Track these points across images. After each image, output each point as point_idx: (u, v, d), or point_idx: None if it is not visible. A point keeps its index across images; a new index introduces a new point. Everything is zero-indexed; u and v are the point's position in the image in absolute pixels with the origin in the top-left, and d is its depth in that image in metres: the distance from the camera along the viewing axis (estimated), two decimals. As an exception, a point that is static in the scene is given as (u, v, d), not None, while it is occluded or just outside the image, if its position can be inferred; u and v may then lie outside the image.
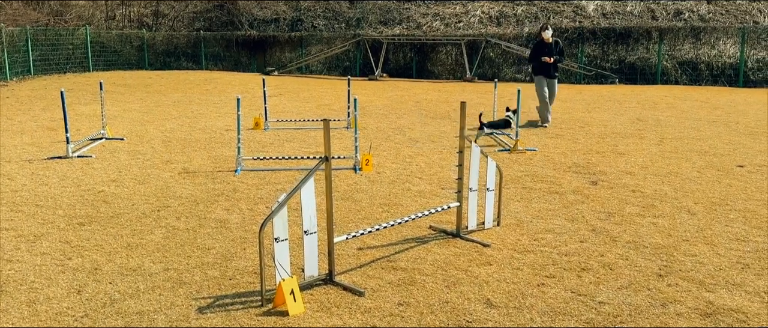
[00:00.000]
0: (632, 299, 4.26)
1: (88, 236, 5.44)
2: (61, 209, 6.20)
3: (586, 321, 3.93)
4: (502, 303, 4.18)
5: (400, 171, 7.93)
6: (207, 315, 3.99)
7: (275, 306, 4.09)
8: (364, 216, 6.07)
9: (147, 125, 11.25)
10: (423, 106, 14.22)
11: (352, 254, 5.07)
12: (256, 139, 10.08)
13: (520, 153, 9.06)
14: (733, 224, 5.88)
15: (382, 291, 4.37)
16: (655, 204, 6.49)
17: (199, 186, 7.11)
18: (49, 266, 4.77)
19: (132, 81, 19.18)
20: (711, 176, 7.72)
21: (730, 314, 4.04)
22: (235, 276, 4.62)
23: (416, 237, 5.48)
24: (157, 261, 4.89)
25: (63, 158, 8.42)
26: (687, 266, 4.83)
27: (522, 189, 7.09)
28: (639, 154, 9.00)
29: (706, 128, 11.29)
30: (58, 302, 4.16)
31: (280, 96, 16.05)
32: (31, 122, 11.58)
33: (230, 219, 5.95)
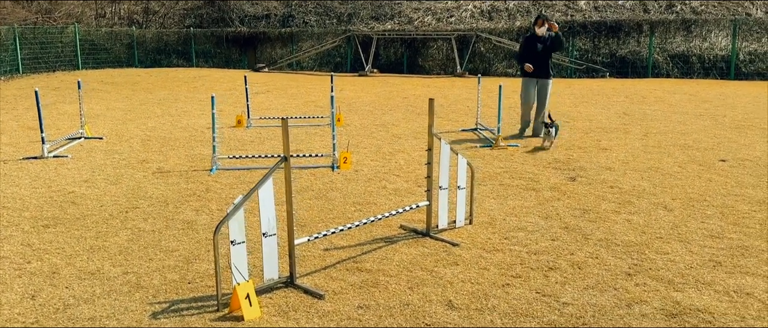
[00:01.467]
0: (597, 299, 4.17)
1: (51, 239, 5.34)
2: (28, 211, 6.10)
3: (547, 322, 3.84)
4: (463, 305, 4.09)
5: (378, 169, 7.83)
6: (160, 320, 3.89)
7: (231, 311, 4.00)
8: (336, 215, 5.98)
9: (128, 124, 11.14)
10: (410, 102, 14.11)
11: (317, 255, 4.98)
12: (237, 137, 9.98)
13: (502, 149, 8.96)
14: (709, 220, 5.79)
15: (344, 294, 4.28)
16: (631, 200, 6.40)
17: (172, 186, 7.01)
18: (7, 270, 4.67)
19: (120, 79, 19.05)
20: (692, 170, 7.63)
21: (696, 315, 3.95)
22: (195, 280, 4.52)
23: (385, 237, 5.39)
24: (118, 264, 4.79)
25: (38, 158, 8.31)
26: (657, 265, 4.74)
27: (499, 186, 6.99)
28: (621, 149, 8.91)
29: (692, 122, 11.19)
30: (10, 308, 4.06)
31: (267, 93, 15.93)
32: (12, 122, 11.47)
33: (198, 220, 5.85)
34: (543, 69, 9.68)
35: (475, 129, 10.56)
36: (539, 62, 9.60)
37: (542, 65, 9.64)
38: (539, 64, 9.60)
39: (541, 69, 9.65)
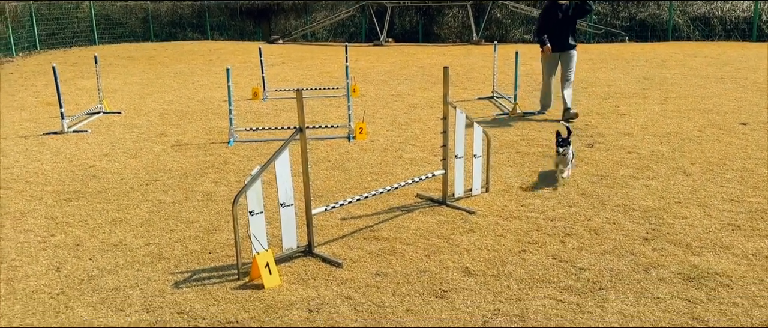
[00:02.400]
0: (614, 264, 4.17)
1: (74, 212, 5.44)
2: (51, 185, 6.21)
3: (564, 287, 3.86)
4: (480, 271, 4.12)
5: (394, 139, 7.83)
6: (182, 290, 3.98)
7: (251, 279, 4.07)
8: (353, 185, 6.01)
9: (146, 98, 11.22)
10: (426, 72, 14.02)
11: (335, 225, 5.03)
12: (253, 109, 10.01)
13: (519, 117, 8.90)
14: (728, 184, 5.73)
15: (361, 262, 4.33)
16: (650, 165, 6.35)
17: (190, 159, 7.08)
18: (32, 243, 4.78)
19: (136, 53, 19.12)
20: (712, 134, 7.53)
21: (714, 278, 3.94)
22: (216, 250, 4.60)
23: (402, 206, 5.42)
24: (140, 236, 4.89)
25: (58, 134, 8.43)
26: (675, 229, 4.72)
27: (515, 154, 6.97)
28: (640, 114, 8.80)
29: (712, 86, 11.00)
30: (36, 280, 4.17)
31: (282, 65, 15.91)
32: (31, 98, 11.60)
33: (217, 192, 5.92)
34: (564, 40, 8.64)
35: (491, 97, 10.48)
36: (560, 33, 8.62)
37: (563, 36, 8.63)
38: (560, 34, 8.61)
39: (562, 41, 8.63)
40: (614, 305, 3.64)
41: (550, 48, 8.58)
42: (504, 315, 3.56)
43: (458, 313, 3.60)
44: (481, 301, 3.73)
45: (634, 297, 3.73)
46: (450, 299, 3.76)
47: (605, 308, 3.61)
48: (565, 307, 3.63)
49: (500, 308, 3.63)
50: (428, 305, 3.70)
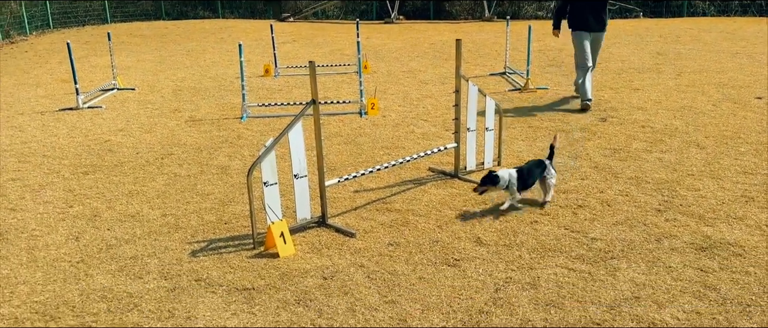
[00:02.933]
0: (627, 234, 4.19)
1: (91, 185, 5.53)
2: (68, 159, 6.30)
3: (576, 257, 3.89)
4: (492, 241, 4.15)
5: (406, 114, 7.84)
6: (199, 258, 4.04)
7: (266, 249, 4.13)
8: (365, 159, 6.04)
9: (158, 75, 11.28)
10: (437, 48, 13.96)
11: (348, 197, 5.07)
12: (265, 86, 10.04)
13: (531, 92, 8.86)
14: (742, 157, 5.71)
15: (374, 232, 4.38)
16: (663, 139, 6.33)
17: (204, 134, 7.14)
18: (51, 214, 4.87)
19: (148, 31, 19.16)
20: (726, 108, 7.48)
21: (726, 248, 3.95)
22: (231, 220, 4.66)
23: (414, 179, 5.45)
24: (156, 207, 4.96)
25: (74, 110, 8.51)
26: (688, 201, 4.73)
27: (528, 128, 6.96)
28: (654, 89, 8.74)
29: (727, 60, 10.88)
30: (56, 249, 4.26)
31: (293, 42, 15.90)
32: (46, 75, 11.70)
33: (232, 165, 5.97)
34: (598, 18, 7.65)
35: (503, 73, 10.44)
36: (593, 8, 7.61)
37: (596, 12, 7.63)
38: (593, 11, 7.61)
39: (596, 19, 7.65)
40: (626, 273, 3.67)
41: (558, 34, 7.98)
42: (516, 283, 3.60)
43: (470, 281, 3.64)
44: (493, 269, 3.77)
45: (645, 266, 3.75)
46: (462, 267, 3.81)
47: (617, 276, 3.64)
48: (577, 275, 3.66)
49: (512, 276, 3.67)
50: (441, 273, 3.75)
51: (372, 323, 3.24)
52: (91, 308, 3.47)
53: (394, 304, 3.42)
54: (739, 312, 3.23)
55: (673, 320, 3.18)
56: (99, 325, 3.31)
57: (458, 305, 3.39)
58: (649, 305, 3.31)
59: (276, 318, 3.31)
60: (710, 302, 3.33)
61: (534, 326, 3.17)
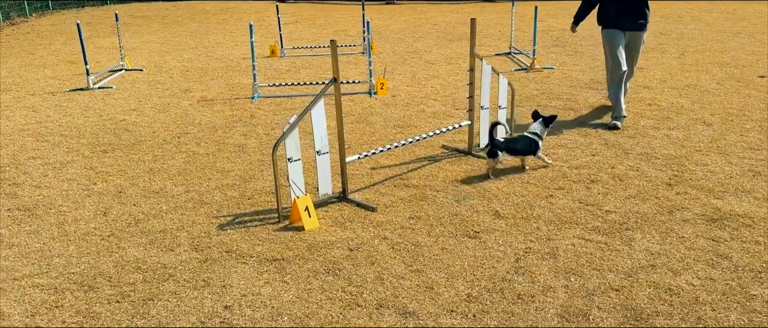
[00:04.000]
0: (639, 207, 4.33)
1: (112, 163, 5.64)
2: (85, 138, 6.40)
3: (591, 229, 4.03)
4: (510, 214, 4.29)
5: (415, 94, 7.95)
6: (227, 231, 4.17)
7: (291, 222, 4.26)
8: (378, 138, 6.16)
9: (165, 56, 11.33)
10: (441, 29, 14.01)
11: (365, 174, 5.20)
12: (273, 66, 10.11)
13: (538, 72, 8.97)
14: (748, 133, 5.85)
15: (394, 206, 4.51)
16: (670, 116, 6.46)
17: (218, 113, 7.24)
18: (76, 191, 4.99)
19: (149, 12, 19.12)
20: (730, 87, 7.60)
21: (736, 219, 4.10)
22: (254, 196, 4.79)
23: (429, 156, 5.57)
24: (179, 184, 5.08)
25: (84, 90, 8.58)
26: (697, 175, 4.87)
27: (537, 106, 7.07)
28: (658, 68, 8.85)
29: (729, 40, 10.99)
30: (86, 223, 4.38)
31: (296, 23, 15.91)
32: (52, 56, 11.73)
33: (248, 144, 6.09)
34: (637, 13, 6.10)
35: (508, 53, 10.53)
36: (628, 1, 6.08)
37: (634, 5, 6.08)
38: (629, 4, 6.08)
39: (634, 14, 6.11)
40: (641, 243, 3.81)
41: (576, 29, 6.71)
42: (535, 253, 3.74)
43: (491, 251, 3.78)
44: (513, 240, 3.91)
45: (659, 237, 3.90)
46: (483, 239, 3.95)
47: (632, 246, 3.78)
48: (594, 245, 3.80)
49: (531, 247, 3.81)
50: (462, 244, 3.89)
51: (400, 290, 3.38)
52: (128, 279, 3.61)
53: (419, 273, 3.56)
54: (751, 278, 3.39)
55: (688, 286, 3.33)
56: (137, 293, 3.44)
57: (481, 273, 3.53)
58: (665, 273, 3.46)
59: (307, 286, 3.45)
60: (723, 270, 3.49)
61: (555, 292, 3.31)
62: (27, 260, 3.87)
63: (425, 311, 3.19)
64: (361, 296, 3.35)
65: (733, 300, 3.19)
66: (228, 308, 3.27)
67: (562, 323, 3.05)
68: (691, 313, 3.09)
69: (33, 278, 3.65)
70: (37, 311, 3.32)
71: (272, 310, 3.25)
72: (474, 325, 3.06)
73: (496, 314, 3.14)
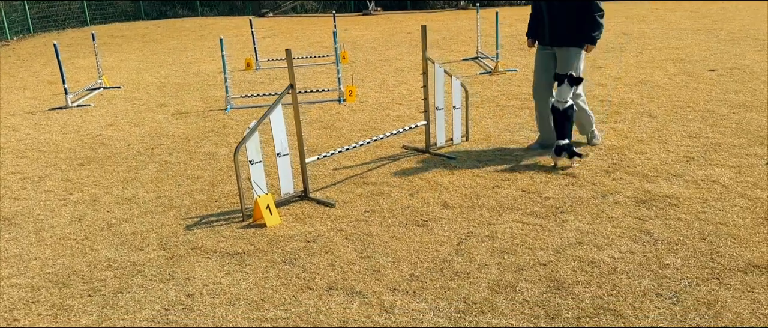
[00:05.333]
0: (576, 192, 4.68)
1: (88, 174, 5.92)
2: (63, 153, 6.68)
3: (530, 213, 4.37)
4: (457, 204, 4.62)
5: (382, 99, 8.29)
6: (194, 231, 4.47)
7: (255, 220, 4.57)
8: (343, 141, 6.48)
9: (142, 73, 11.62)
10: (413, 37, 14.40)
11: (328, 174, 5.52)
12: (247, 79, 10.43)
13: (501, 74, 9.34)
14: (689, 123, 6.23)
15: (352, 202, 4.83)
16: (619, 111, 6.84)
17: (191, 125, 7.54)
18: (53, 201, 5.27)
19: (129, 32, 19.42)
20: (680, 81, 8.00)
21: (663, 200, 4.45)
22: (220, 199, 5.09)
23: (389, 156, 5.90)
24: (151, 191, 5.37)
25: (63, 109, 8.86)
26: (635, 163, 5.23)
27: (495, 107, 7.44)
28: (615, 66, 9.26)
29: (688, 37, 11.44)
30: (62, 229, 4.66)
31: (273, 37, 16.26)
32: (32, 78, 11.99)
33: (219, 152, 6.39)
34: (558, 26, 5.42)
35: (476, 58, 10.91)
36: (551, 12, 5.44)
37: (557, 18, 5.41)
38: (552, 15, 5.42)
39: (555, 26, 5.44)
40: (573, 224, 4.15)
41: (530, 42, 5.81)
42: (476, 236, 4.07)
43: (436, 237, 4.11)
44: (457, 227, 4.24)
45: (590, 217, 4.24)
46: (430, 226, 4.27)
47: (564, 226, 4.12)
48: (530, 228, 4.14)
49: (473, 231, 4.14)
50: (410, 232, 4.21)
51: (350, 274, 3.70)
52: (99, 276, 3.90)
53: (369, 258, 3.88)
54: (667, 250, 3.73)
55: (609, 258, 3.67)
56: (107, 288, 3.73)
57: (425, 256, 3.86)
58: (590, 248, 3.80)
59: (265, 275, 3.76)
60: (644, 244, 3.83)
61: (489, 268, 3.64)
62: (6, 264, 4.15)
63: (370, 291, 3.50)
64: (313, 280, 3.66)
65: (648, 269, 3.53)
66: (190, 296, 3.57)
67: (492, 294, 3.37)
68: (608, 281, 3.43)
69: (11, 279, 3.93)
70: (15, 306, 3.60)
71: (231, 296, 3.55)
72: (413, 300, 3.38)
73: (433, 290, 3.46)
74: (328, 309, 3.35)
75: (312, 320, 3.26)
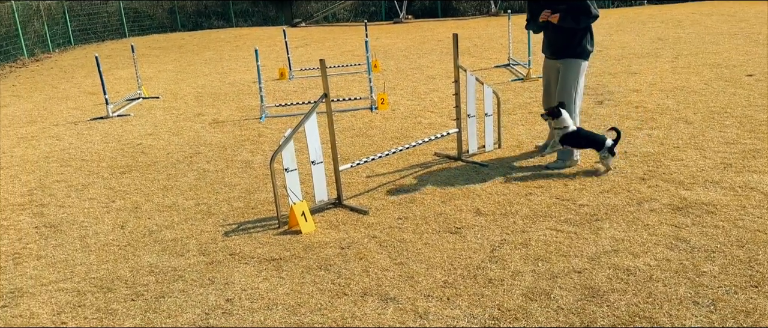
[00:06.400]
0: (611, 199, 4.66)
1: (129, 182, 6.10)
2: (105, 162, 6.89)
3: (564, 220, 4.37)
4: (490, 211, 4.64)
5: (414, 107, 8.35)
6: (232, 237, 4.58)
7: (290, 227, 4.66)
8: (376, 149, 6.55)
9: (180, 83, 11.90)
10: (444, 45, 14.44)
11: (361, 182, 5.59)
12: (281, 88, 10.60)
13: (533, 81, 9.32)
14: (726, 129, 6.14)
15: (385, 209, 4.89)
16: (654, 117, 6.77)
17: (228, 134, 7.70)
18: (96, 208, 5.45)
19: (166, 43, 19.87)
20: (717, 87, 7.88)
21: (700, 207, 4.40)
22: (257, 206, 5.20)
23: (421, 163, 5.95)
24: (190, 198, 5.52)
25: (104, 119, 9.13)
26: (671, 170, 5.17)
27: (528, 114, 7.43)
28: (651, 72, 9.15)
29: (725, 42, 11.24)
30: (105, 236, 4.83)
31: (306, 46, 16.47)
32: (74, 89, 12.37)
33: (254, 160, 6.52)
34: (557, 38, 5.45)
35: (507, 65, 10.90)
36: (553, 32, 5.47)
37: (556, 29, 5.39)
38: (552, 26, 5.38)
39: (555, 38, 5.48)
40: (608, 232, 4.14)
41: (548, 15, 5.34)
42: (509, 244, 4.09)
43: (470, 244, 4.14)
44: (490, 234, 4.26)
45: (625, 225, 4.22)
46: (463, 233, 4.30)
47: (599, 234, 4.11)
48: (564, 235, 4.14)
49: (506, 239, 4.16)
50: (444, 239, 4.25)
51: (384, 280, 3.75)
52: (142, 281, 4.02)
53: (402, 265, 3.93)
54: (704, 258, 3.69)
55: (645, 266, 3.65)
56: (150, 293, 3.86)
57: (458, 263, 3.89)
58: (626, 256, 3.79)
59: (301, 280, 3.84)
60: (680, 251, 3.80)
61: (523, 276, 3.65)
62: (53, 269, 4.31)
63: (404, 297, 3.55)
64: (349, 286, 3.72)
65: (684, 277, 3.50)
66: (229, 301, 3.67)
67: (526, 302, 3.39)
68: (644, 289, 3.41)
69: (58, 284, 4.08)
70: (62, 310, 3.75)
71: (269, 301, 3.63)
72: (447, 307, 3.42)
73: (467, 297, 3.49)
74: (364, 315, 3.40)
75: (348, 325, 3.32)
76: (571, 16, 5.26)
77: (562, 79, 5.45)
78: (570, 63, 5.41)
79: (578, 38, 5.37)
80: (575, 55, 5.39)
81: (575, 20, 5.28)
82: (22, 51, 18.03)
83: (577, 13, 5.25)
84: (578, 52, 5.39)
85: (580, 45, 5.38)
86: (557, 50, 5.49)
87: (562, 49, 5.44)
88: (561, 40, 5.41)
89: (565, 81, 5.43)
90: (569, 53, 5.40)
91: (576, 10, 5.25)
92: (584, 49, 5.41)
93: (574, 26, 5.31)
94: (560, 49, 5.45)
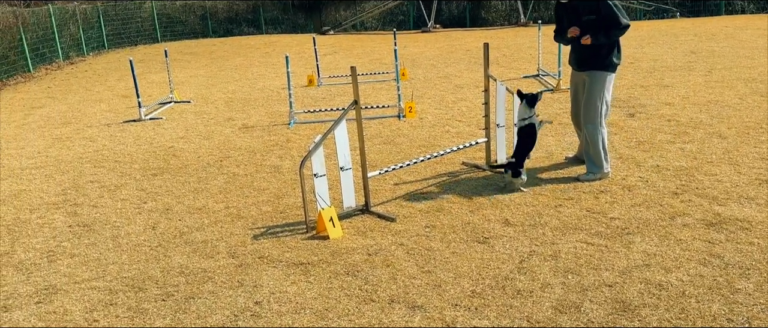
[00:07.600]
0: (643, 214, 4.59)
1: (160, 184, 6.20)
2: (137, 164, 7.01)
3: (594, 233, 4.32)
4: (519, 222, 4.61)
5: (441, 116, 8.34)
6: (260, 241, 4.62)
7: (318, 232, 4.69)
8: (403, 157, 6.56)
9: (211, 88, 12.06)
10: (473, 54, 14.42)
11: (388, 189, 5.60)
12: (310, 95, 10.68)
13: (563, 92, 9.25)
14: (762, 145, 6.02)
15: (413, 217, 4.89)
16: (687, 131, 6.67)
17: (257, 139, 7.78)
18: (128, 209, 5.54)
19: (197, 49, 20.17)
20: (752, 101, 7.74)
21: (734, 223, 4.32)
22: (285, 210, 5.24)
23: (449, 172, 5.94)
24: (220, 201, 5.58)
25: (137, 121, 9.29)
26: (704, 185, 5.09)
27: (557, 125, 7.37)
28: (683, 86, 9.02)
29: (760, 56, 11.03)
30: (136, 236, 4.90)
31: (334, 54, 16.59)
32: (107, 92, 12.62)
33: (283, 165, 6.58)
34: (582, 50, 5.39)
35: (536, 75, 10.84)
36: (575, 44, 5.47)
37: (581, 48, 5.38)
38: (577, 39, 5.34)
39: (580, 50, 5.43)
40: (639, 246, 4.08)
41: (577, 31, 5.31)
42: (538, 255, 4.05)
43: (498, 254, 4.11)
44: (519, 245, 4.23)
45: (658, 239, 4.16)
46: (491, 244, 4.28)
47: (631, 248, 4.06)
48: (594, 248, 4.09)
49: (535, 250, 4.13)
50: (471, 249, 4.23)
51: (411, 288, 3.75)
52: (172, 281, 4.08)
53: (430, 273, 3.92)
54: (738, 275, 3.62)
55: (678, 281, 3.59)
56: (180, 293, 3.91)
57: (486, 273, 3.87)
58: (658, 271, 3.73)
59: (329, 285, 3.85)
60: (713, 267, 3.73)
61: (553, 288, 3.62)
62: (86, 268, 4.39)
63: (432, 305, 3.54)
64: (376, 293, 3.73)
65: (718, 293, 3.44)
66: (258, 304, 3.70)
67: (555, 314, 3.35)
68: (676, 304, 3.36)
69: (91, 282, 4.16)
70: (95, 308, 3.81)
71: (296, 305, 3.65)
72: (475, 317, 3.40)
73: (495, 307, 3.47)
74: (391, 322, 3.40)
75: (375, 331, 3.33)
76: (603, 31, 5.20)
77: (588, 91, 5.43)
78: (596, 75, 5.37)
79: (605, 51, 5.31)
80: (601, 67, 5.34)
81: (606, 35, 5.22)
82: (57, 54, 18.45)
83: (608, 27, 5.19)
84: (604, 64, 5.34)
85: (607, 57, 5.32)
86: (583, 62, 5.46)
87: (587, 61, 5.41)
88: (587, 53, 5.37)
89: (591, 93, 5.40)
90: (595, 65, 5.37)
91: (606, 21, 5.18)
92: (610, 62, 5.35)
93: (606, 42, 5.25)
94: (586, 61, 5.43)
